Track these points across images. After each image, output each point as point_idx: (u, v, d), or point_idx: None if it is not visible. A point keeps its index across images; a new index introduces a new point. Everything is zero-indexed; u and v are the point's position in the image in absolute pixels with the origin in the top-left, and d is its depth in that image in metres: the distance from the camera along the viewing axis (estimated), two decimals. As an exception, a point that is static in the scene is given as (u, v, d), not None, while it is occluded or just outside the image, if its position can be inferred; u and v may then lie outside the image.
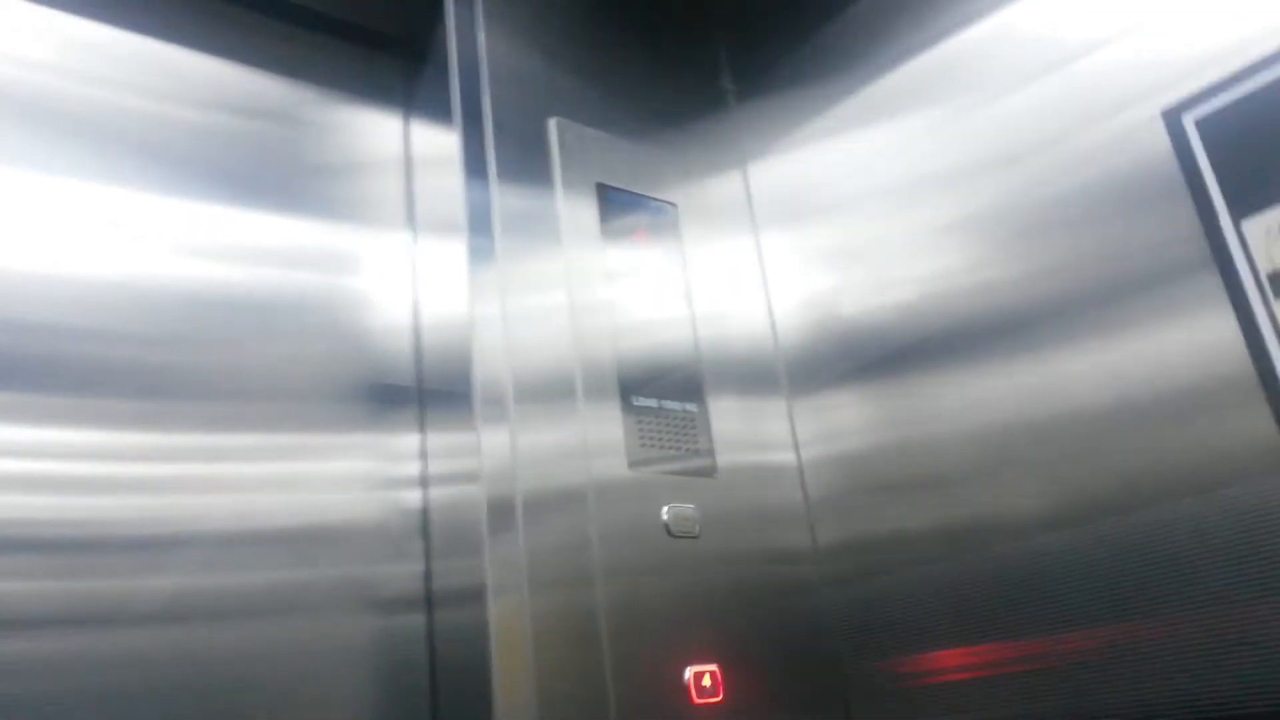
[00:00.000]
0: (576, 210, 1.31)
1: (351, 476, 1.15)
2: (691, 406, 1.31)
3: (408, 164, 1.37)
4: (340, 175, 1.31)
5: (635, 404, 1.26)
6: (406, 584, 1.12)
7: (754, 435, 1.33)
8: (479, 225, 1.19)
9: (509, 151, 1.27)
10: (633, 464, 1.21)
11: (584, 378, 1.20)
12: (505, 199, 1.23)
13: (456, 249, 1.19)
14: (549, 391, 1.15)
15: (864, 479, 1.24)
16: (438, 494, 1.19)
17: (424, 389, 1.23)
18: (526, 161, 1.28)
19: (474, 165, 1.23)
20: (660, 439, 1.26)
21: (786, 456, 1.34)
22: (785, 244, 1.43)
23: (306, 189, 1.26)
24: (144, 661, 0.97)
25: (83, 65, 1.16)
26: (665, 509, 1.21)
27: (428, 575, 1.15)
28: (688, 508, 1.22)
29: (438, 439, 1.21)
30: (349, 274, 1.25)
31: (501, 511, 1.06)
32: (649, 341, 1.29)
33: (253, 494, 1.08)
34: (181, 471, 1.06)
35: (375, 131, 1.39)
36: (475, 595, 1.04)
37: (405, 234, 1.32)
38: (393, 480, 1.19)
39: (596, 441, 1.17)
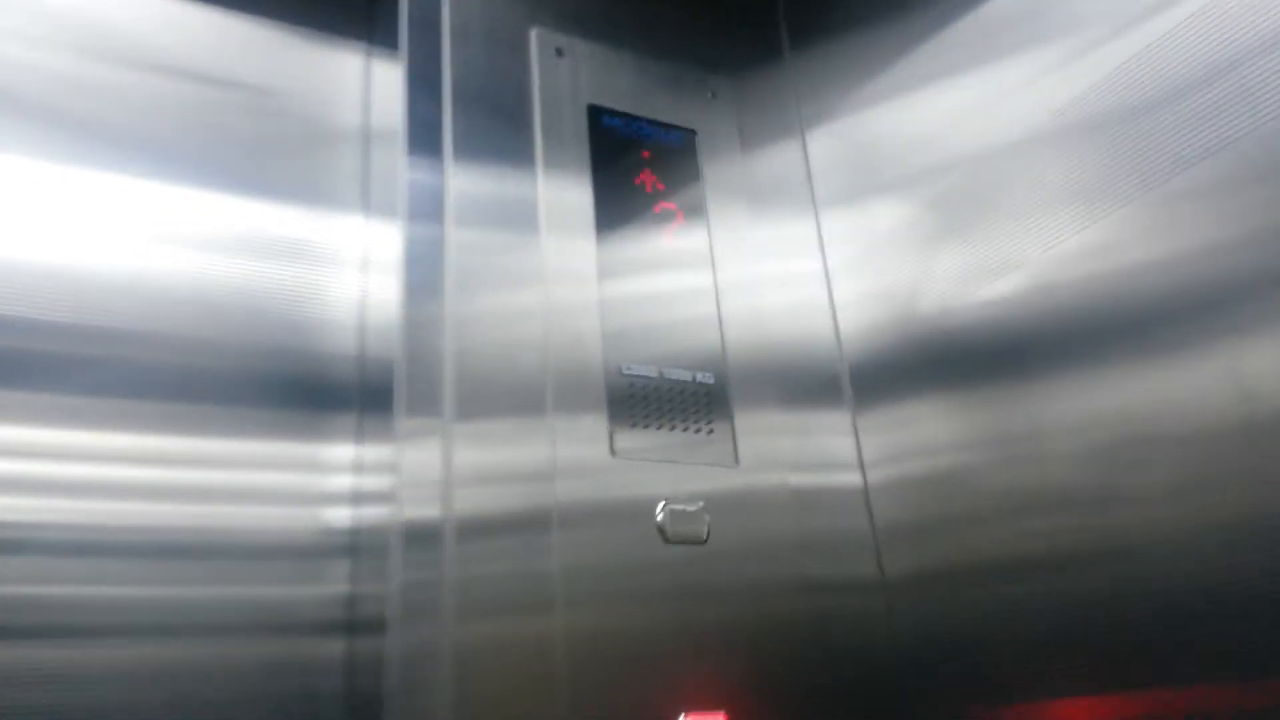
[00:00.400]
0: (559, 145, 1.07)
1: (270, 488, 1.00)
2: (706, 378, 1.05)
3: (365, 132, 1.17)
4: (285, 144, 1.13)
5: (627, 373, 1.00)
6: (324, 609, 0.97)
7: (801, 451, 1.09)
8: (424, 198, 1.00)
9: (472, 77, 1.05)
10: (619, 451, 0.97)
11: (557, 349, 0.98)
12: (461, 158, 1.02)
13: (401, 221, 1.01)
14: (510, 391, 0.96)
15: (950, 503, 1.01)
16: (370, 513, 1.02)
17: (366, 396, 1.07)
18: (493, 95, 1.06)
19: (422, 114, 1.02)
20: (658, 413, 1.01)
21: (849, 478, 1.10)
22: (851, 227, 1.17)
23: (241, 160, 1.09)
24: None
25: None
26: (660, 506, 0.96)
27: (352, 601, 0.98)
28: (692, 508, 0.97)
29: (375, 452, 1.04)
30: (289, 263, 1.09)
31: (421, 536, 0.88)
32: (650, 319, 1.06)
33: (148, 502, 0.94)
34: (64, 472, 0.92)
35: (326, 88, 1.19)
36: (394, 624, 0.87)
37: (358, 218, 1.13)
38: (319, 495, 1.02)
39: (569, 432, 0.95)
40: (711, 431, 1.03)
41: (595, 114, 1.11)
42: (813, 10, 1.29)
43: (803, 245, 1.21)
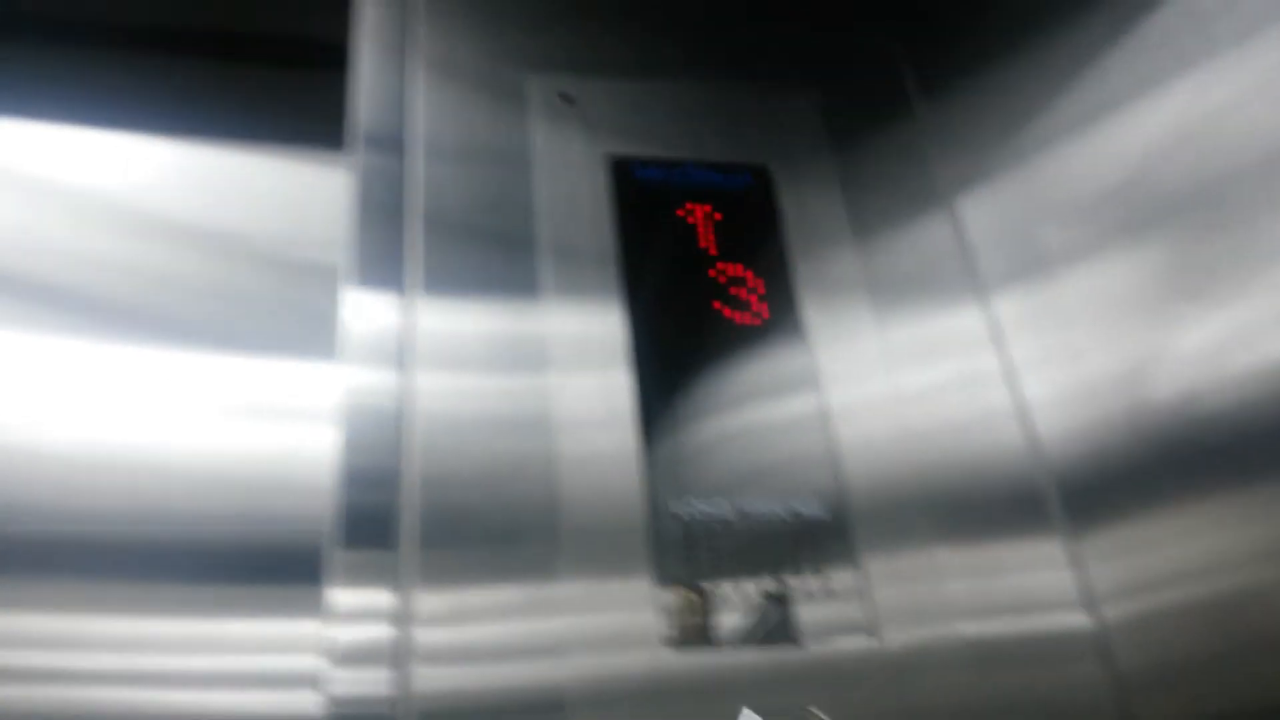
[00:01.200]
0: (571, 230, 0.83)
1: (224, 672, 0.85)
2: (811, 510, 0.74)
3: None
4: (254, 292, 1.02)
5: (682, 514, 0.71)
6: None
7: (983, 595, 0.80)
8: (378, 338, 0.84)
9: (447, 179, 0.86)
10: (679, 639, 0.68)
11: (573, 517, 0.74)
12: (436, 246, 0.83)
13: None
14: (501, 558, 0.75)
15: (1237, 634, 0.73)
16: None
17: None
18: (477, 193, 0.86)
19: (377, 237, 0.86)
20: (734, 567, 0.71)
21: (1068, 619, 0.81)
22: (1033, 309, 0.91)
23: (204, 313, 0.99)
24: None
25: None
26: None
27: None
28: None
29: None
30: (264, 421, 0.96)
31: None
32: (719, 449, 0.80)
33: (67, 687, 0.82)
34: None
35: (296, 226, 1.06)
36: None
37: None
38: (278, 677, 0.85)
39: (586, 625, 0.71)
40: (829, 588, 0.71)
41: (621, 168, 0.84)
42: (938, 48, 1.02)
43: (961, 338, 0.93)
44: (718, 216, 0.85)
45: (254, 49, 1.08)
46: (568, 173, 0.85)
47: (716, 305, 0.83)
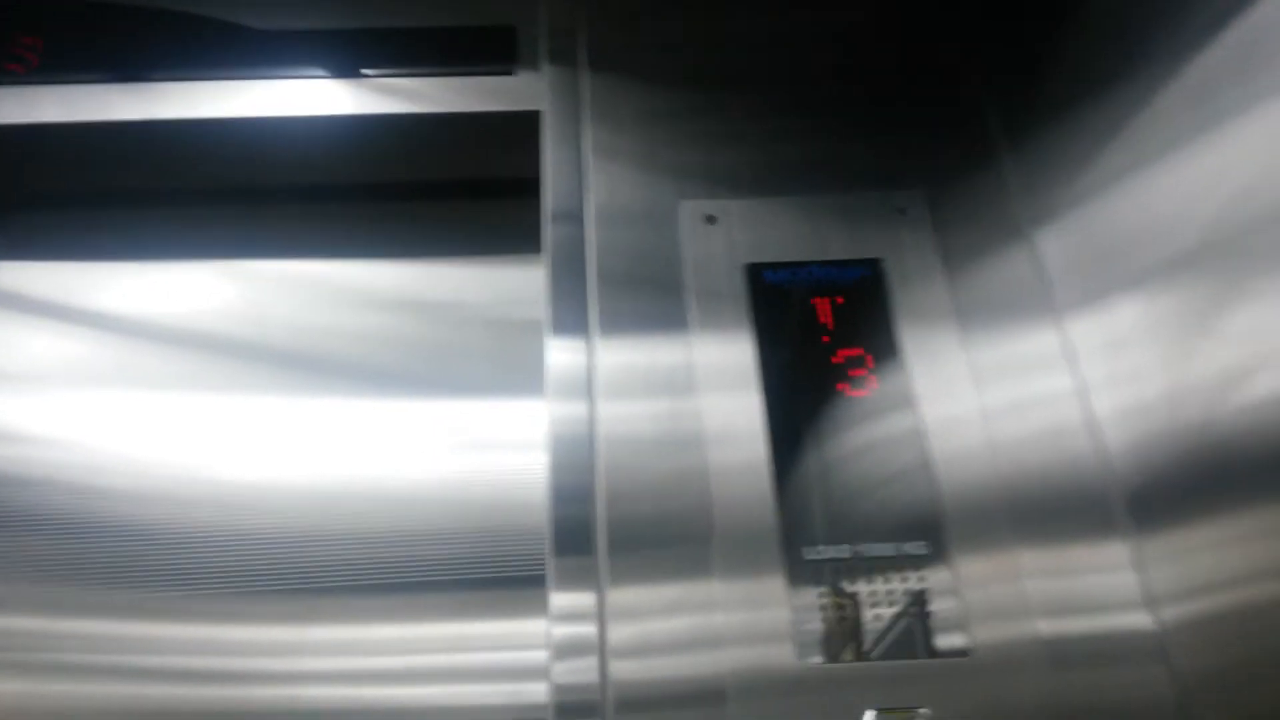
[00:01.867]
0: (715, 312, 1.03)
1: (466, 667, 1.03)
2: (916, 548, 0.91)
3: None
4: (474, 347, 1.25)
5: (810, 558, 0.90)
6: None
7: (1063, 593, 0.90)
8: (570, 377, 1.04)
9: (617, 262, 1.07)
10: (807, 652, 0.86)
11: (724, 530, 0.91)
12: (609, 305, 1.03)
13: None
14: (671, 559, 0.91)
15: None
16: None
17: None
18: (640, 273, 1.07)
19: (565, 299, 1.07)
20: (855, 605, 0.89)
21: (1134, 619, 0.89)
22: (1097, 334, 1.00)
23: (438, 367, 1.22)
24: None
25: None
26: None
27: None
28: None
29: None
30: (490, 452, 1.16)
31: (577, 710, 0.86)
32: (836, 486, 0.96)
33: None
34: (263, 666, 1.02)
35: (507, 293, 1.30)
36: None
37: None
38: (508, 670, 1.02)
39: (739, 624, 0.87)
40: (927, 617, 0.88)
41: (755, 272, 1.04)
42: (1019, 98, 1.13)
43: (1038, 362, 1.03)
44: (836, 300, 1.03)
45: (456, 190, 1.35)
46: (712, 274, 1.05)
47: (829, 364, 1.00)
